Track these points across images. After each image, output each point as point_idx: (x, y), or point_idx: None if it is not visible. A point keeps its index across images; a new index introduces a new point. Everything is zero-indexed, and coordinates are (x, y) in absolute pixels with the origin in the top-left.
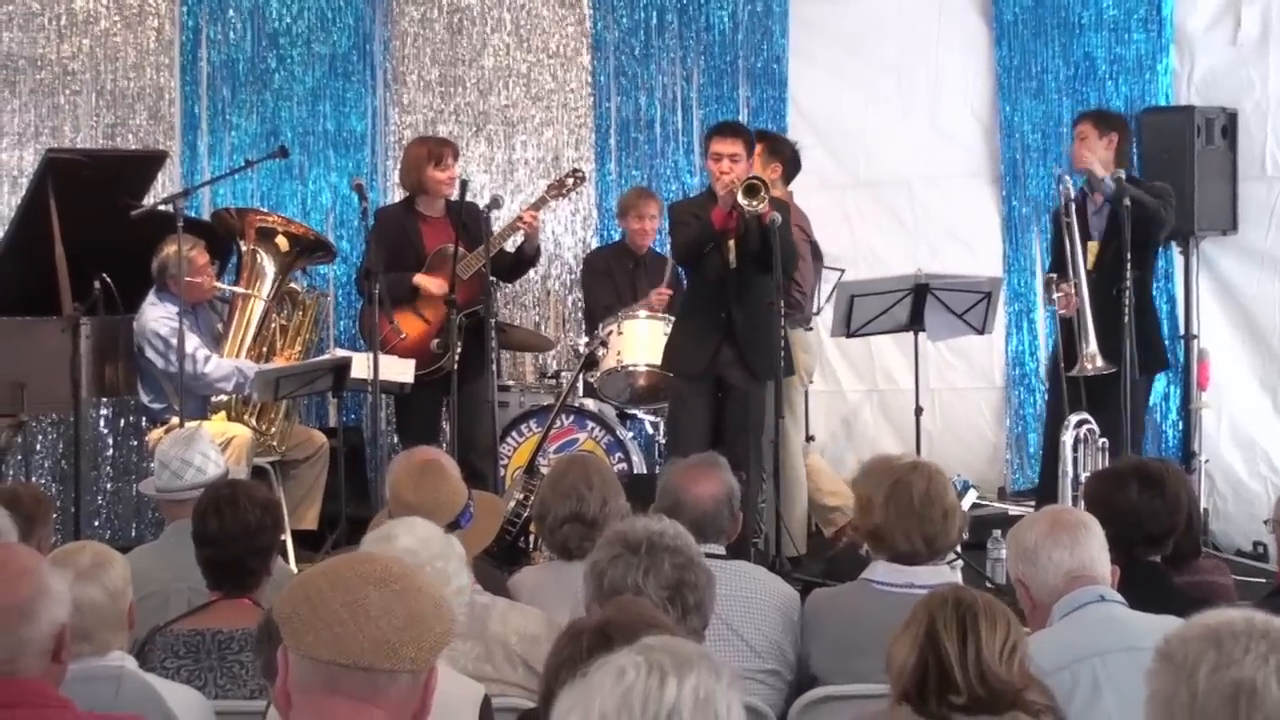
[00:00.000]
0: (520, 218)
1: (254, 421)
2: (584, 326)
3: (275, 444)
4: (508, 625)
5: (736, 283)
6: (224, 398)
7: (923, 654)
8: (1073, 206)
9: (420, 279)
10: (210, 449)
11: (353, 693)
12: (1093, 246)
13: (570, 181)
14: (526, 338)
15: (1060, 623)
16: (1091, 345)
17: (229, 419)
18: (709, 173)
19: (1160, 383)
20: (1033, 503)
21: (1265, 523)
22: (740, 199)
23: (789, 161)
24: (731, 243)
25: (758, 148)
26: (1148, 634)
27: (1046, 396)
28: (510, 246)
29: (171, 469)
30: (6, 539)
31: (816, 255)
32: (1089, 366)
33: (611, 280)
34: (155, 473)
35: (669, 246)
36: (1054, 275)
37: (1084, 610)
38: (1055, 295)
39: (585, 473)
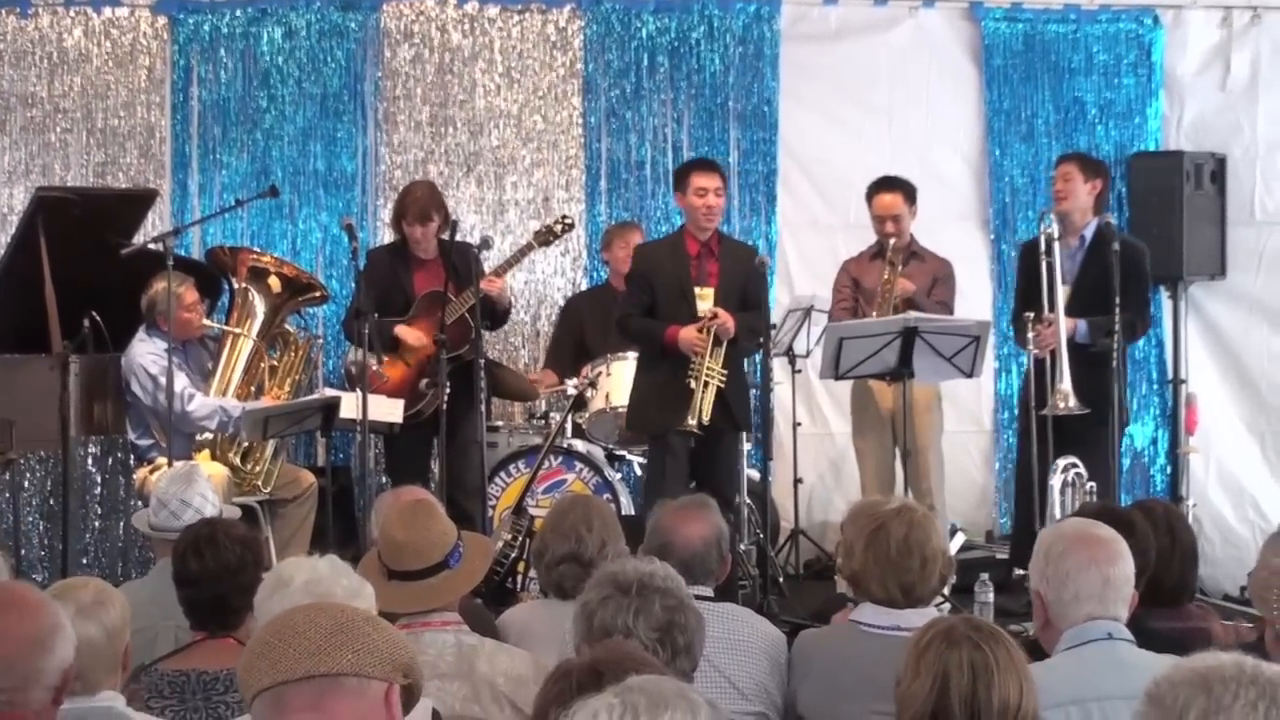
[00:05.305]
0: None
1: (239, 460)
2: (541, 362)
3: (261, 484)
4: (495, 666)
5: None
6: (208, 435)
7: (940, 703)
8: (1055, 246)
9: (401, 330)
10: (208, 489)
11: (302, 705)
12: (1064, 291)
13: (558, 229)
14: (515, 385)
15: (1063, 655)
16: (1065, 383)
17: (213, 458)
18: (693, 209)
19: (1148, 426)
20: None
21: (1241, 589)
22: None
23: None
24: (711, 290)
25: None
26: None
27: (1017, 439)
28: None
29: (170, 508)
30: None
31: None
32: (1060, 405)
33: (586, 325)
34: (152, 509)
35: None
36: (1030, 315)
37: (1089, 647)
38: (1029, 335)
39: (586, 514)
